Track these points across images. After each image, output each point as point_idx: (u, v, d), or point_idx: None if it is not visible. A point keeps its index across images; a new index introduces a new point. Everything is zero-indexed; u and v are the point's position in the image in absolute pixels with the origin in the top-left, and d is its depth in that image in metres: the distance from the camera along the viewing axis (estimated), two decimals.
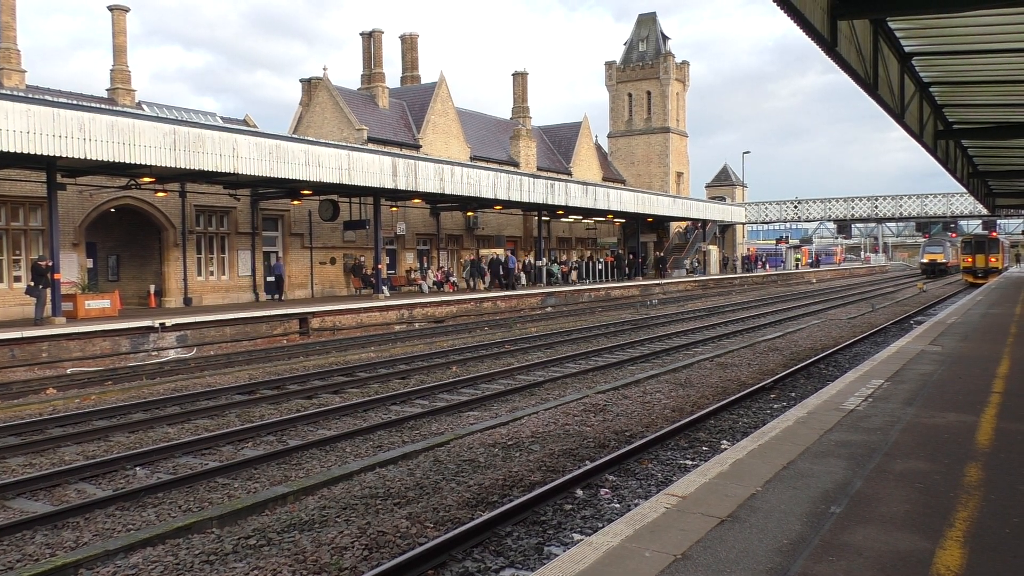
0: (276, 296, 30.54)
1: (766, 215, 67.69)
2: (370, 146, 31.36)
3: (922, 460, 6.22)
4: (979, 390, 9.22)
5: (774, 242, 79.36)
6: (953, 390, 9.24)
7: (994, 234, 53.24)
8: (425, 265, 38.18)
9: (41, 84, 29.89)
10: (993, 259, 48.47)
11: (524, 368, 16.10)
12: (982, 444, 6.72)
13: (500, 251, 41.77)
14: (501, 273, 37.52)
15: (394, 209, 35.56)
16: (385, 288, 30.93)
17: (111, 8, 31.34)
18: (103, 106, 21.48)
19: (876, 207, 63.27)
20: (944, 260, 60.26)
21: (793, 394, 12.80)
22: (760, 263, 69.48)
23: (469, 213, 39.87)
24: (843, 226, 69.22)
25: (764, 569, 4.15)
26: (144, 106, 31.47)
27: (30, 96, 18.53)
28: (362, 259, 33.85)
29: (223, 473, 8.85)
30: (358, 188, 27.53)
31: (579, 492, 7.76)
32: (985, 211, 52.66)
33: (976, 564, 4.21)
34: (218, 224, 29.54)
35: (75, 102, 19.69)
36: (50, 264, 20.51)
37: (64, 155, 18.29)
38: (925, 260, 61.70)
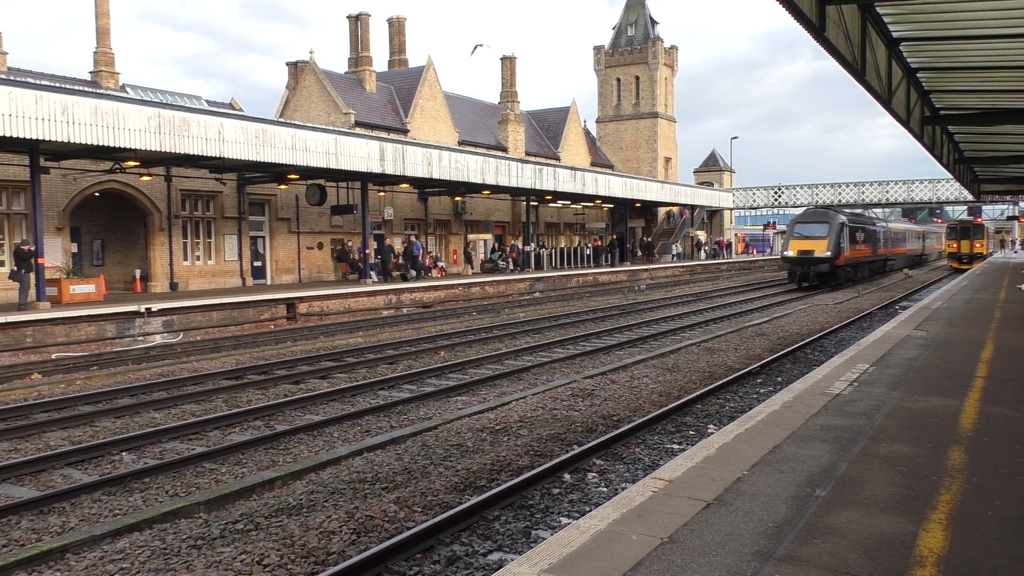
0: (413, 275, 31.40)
1: (753, 200, 67.87)
2: (357, 130, 31.11)
3: (906, 444, 6.28)
4: (963, 375, 9.31)
5: (761, 228, 79.58)
6: (937, 375, 9.32)
7: (979, 220, 53.61)
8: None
9: (27, 68, 29.49)
10: (978, 244, 48.90)
11: (512, 353, 16.12)
12: (965, 428, 6.78)
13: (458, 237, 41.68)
14: (392, 263, 32.01)
15: (382, 194, 35.39)
16: (373, 273, 30.83)
17: None
18: (86, 89, 21.23)
19: (862, 193, 63.54)
20: (828, 253, 32.78)
21: (779, 379, 12.88)
22: (747, 248, 69.51)
23: (457, 198, 39.73)
24: None
25: (750, 552, 4.18)
26: (128, 89, 31.12)
27: (12, 78, 18.28)
28: (350, 244, 33.71)
29: (210, 458, 8.83)
30: (345, 172, 27.36)
31: (567, 476, 7.79)
32: (971, 197, 52.94)
33: (958, 546, 4.26)
34: (204, 208, 29.32)
35: (58, 84, 19.44)
36: (32, 248, 20.32)
37: (47, 138, 18.07)
38: (791, 253, 33.99)
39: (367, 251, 30.48)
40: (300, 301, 24.93)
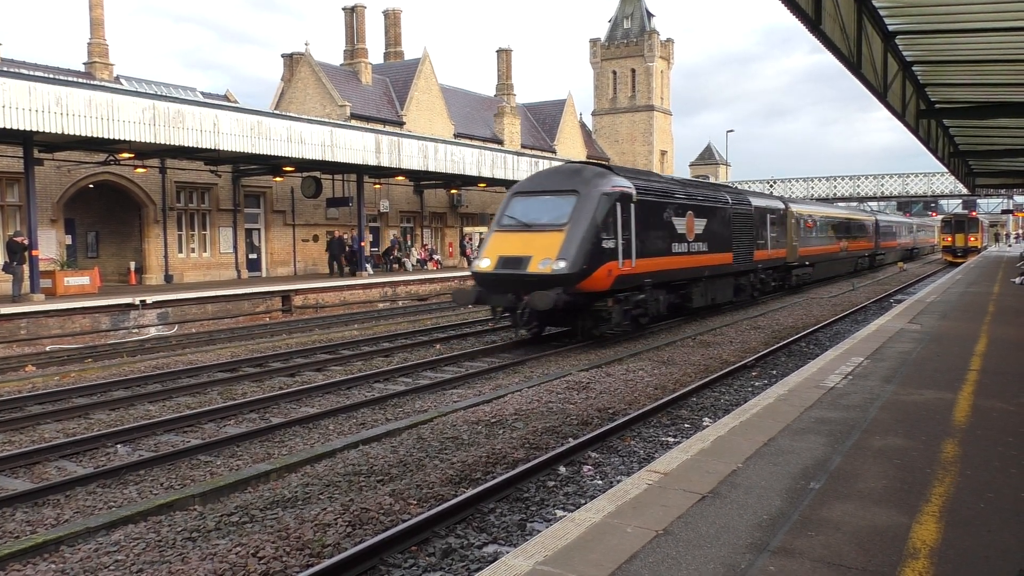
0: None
1: None
2: (353, 122, 31.06)
3: (900, 437, 6.30)
4: (957, 368, 9.33)
5: None
6: (931, 368, 9.35)
7: (974, 214, 53.76)
8: (409, 243, 38.06)
9: (20, 59, 29.34)
10: (973, 238, 49.06)
11: (508, 346, 16.12)
12: (959, 421, 6.81)
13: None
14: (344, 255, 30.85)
15: (377, 186, 35.33)
16: (368, 266, 30.80)
17: None
18: (80, 80, 21.12)
19: (858, 186, 63.67)
20: (561, 266, 14.30)
21: (774, 372, 12.90)
22: None
23: (453, 191, 39.68)
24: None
25: (744, 544, 4.19)
26: (123, 81, 30.99)
27: (5, 69, 18.18)
28: (345, 236, 33.67)
29: (205, 451, 8.82)
30: (341, 165, 27.31)
31: (562, 469, 7.80)
32: (965, 191, 53.02)
33: (951, 538, 4.27)
34: (199, 201, 29.24)
35: (51, 76, 19.34)
36: (26, 241, 20.24)
37: (41, 130, 17.99)
38: (485, 264, 15.43)
39: (363, 244, 30.45)
40: (295, 294, 24.91)
